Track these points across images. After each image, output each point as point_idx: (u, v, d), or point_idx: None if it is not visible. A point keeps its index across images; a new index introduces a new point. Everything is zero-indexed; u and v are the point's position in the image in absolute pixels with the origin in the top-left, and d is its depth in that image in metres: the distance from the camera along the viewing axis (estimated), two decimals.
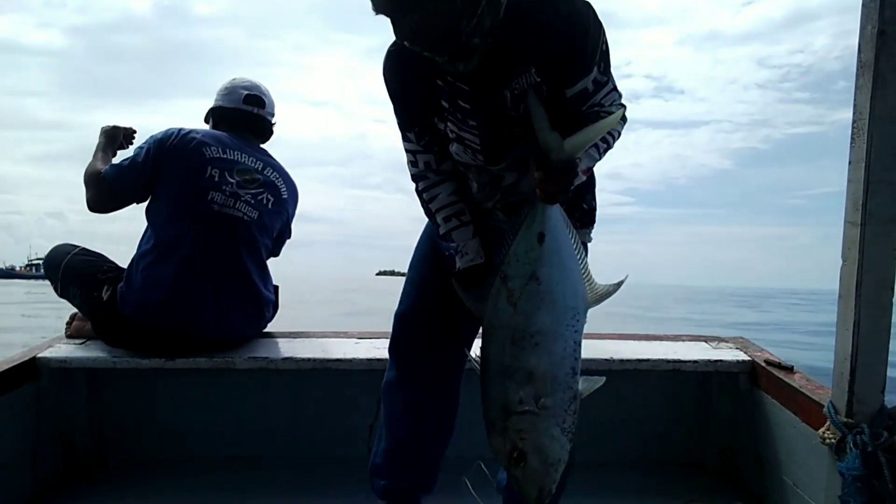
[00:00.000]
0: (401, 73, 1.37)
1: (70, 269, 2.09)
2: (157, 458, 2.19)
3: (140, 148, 2.06)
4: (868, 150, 1.31)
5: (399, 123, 1.44)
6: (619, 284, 1.18)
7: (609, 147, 1.34)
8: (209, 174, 2.01)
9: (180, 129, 2.07)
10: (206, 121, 2.26)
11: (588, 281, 1.17)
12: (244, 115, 2.19)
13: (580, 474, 2.04)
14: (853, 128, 1.34)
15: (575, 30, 1.23)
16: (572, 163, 1.19)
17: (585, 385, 1.14)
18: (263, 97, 2.22)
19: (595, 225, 1.50)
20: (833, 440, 1.41)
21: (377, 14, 1.17)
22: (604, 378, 1.18)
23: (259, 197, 2.09)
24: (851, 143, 1.35)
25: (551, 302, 1.11)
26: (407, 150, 1.46)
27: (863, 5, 1.30)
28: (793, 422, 1.74)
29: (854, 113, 1.34)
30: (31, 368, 1.96)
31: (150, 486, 2.03)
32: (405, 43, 1.22)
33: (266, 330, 2.31)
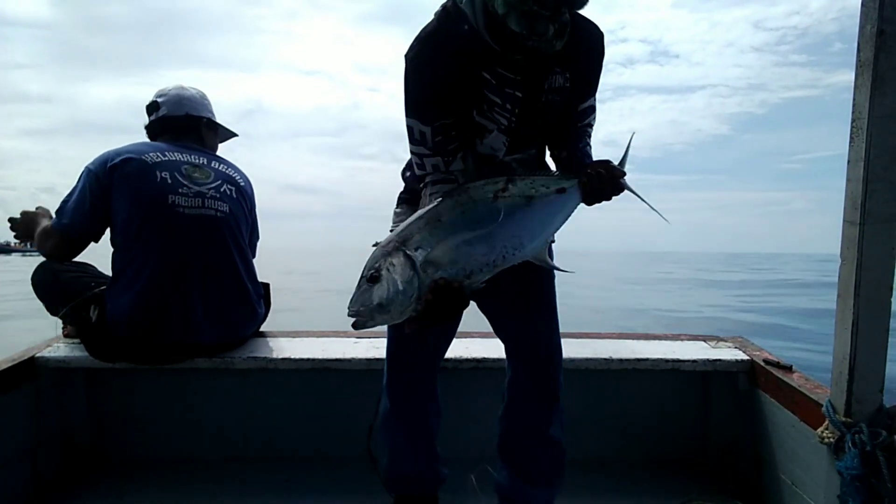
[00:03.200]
0: (440, 61, 1.30)
1: (57, 289, 2.06)
2: (156, 457, 2.19)
3: (78, 184, 1.98)
4: (867, 149, 1.30)
5: (417, 117, 1.33)
6: (554, 267, 1.43)
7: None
8: (160, 179, 1.95)
9: (111, 151, 2.00)
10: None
11: (544, 241, 1.37)
12: (152, 125, 2.16)
13: (580, 474, 2.05)
14: (852, 127, 1.34)
15: (602, 52, 1.44)
16: (621, 182, 1.37)
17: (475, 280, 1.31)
18: (158, 99, 2.16)
19: None
20: (832, 439, 1.41)
21: None
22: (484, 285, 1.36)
23: (222, 189, 2.07)
24: (850, 143, 1.35)
25: (518, 224, 1.31)
26: (414, 153, 1.38)
27: (862, 5, 1.30)
28: (791, 421, 1.74)
29: (853, 112, 1.34)
30: (30, 368, 1.96)
31: (150, 485, 2.03)
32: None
33: (266, 330, 2.31)
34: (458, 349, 2.07)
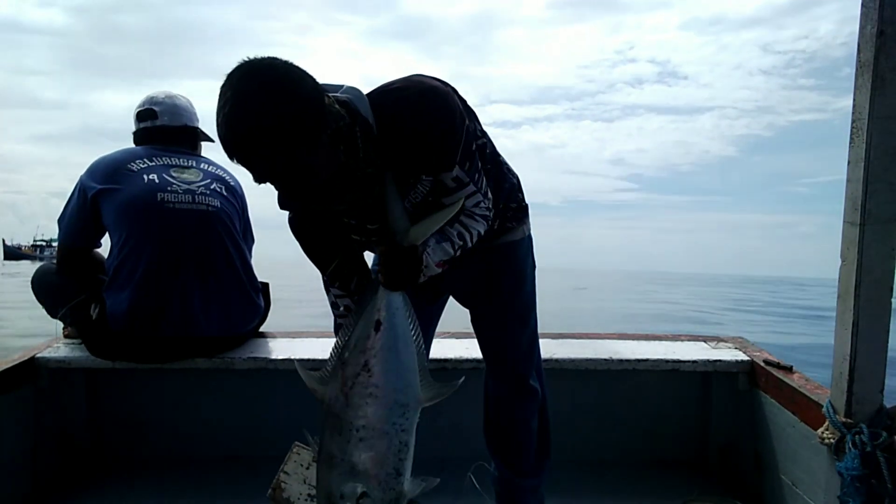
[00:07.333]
0: (313, 231, 1.35)
1: (55, 290, 2.07)
2: (156, 457, 2.19)
3: (72, 197, 2.02)
4: (867, 149, 1.30)
5: (325, 278, 1.39)
6: (456, 385, 1.14)
7: (465, 245, 1.32)
8: (147, 180, 1.97)
9: (100, 162, 2.02)
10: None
11: (423, 377, 1.11)
12: (147, 132, 2.14)
13: (580, 474, 2.05)
14: (852, 127, 1.34)
15: (439, 128, 1.21)
16: (415, 250, 1.19)
17: (412, 487, 1.07)
18: (154, 107, 2.14)
19: (529, 217, 1.54)
20: (832, 440, 1.41)
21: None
22: (438, 480, 1.12)
23: (212, 186, 2.08)
24: (850, 143, 1.35)
25: (379, 396, 1.06)
26: (335, 299, 1.41)
27: (862, 5, 1.30)
28: (792, 421, 1.74)
29: (853, 112, 1.34)
30: (30, 368, 1.96)
31: (149, 485, 2.03)
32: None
33: (266, 330, 2.31)
34: (459, 349, 2.07)
